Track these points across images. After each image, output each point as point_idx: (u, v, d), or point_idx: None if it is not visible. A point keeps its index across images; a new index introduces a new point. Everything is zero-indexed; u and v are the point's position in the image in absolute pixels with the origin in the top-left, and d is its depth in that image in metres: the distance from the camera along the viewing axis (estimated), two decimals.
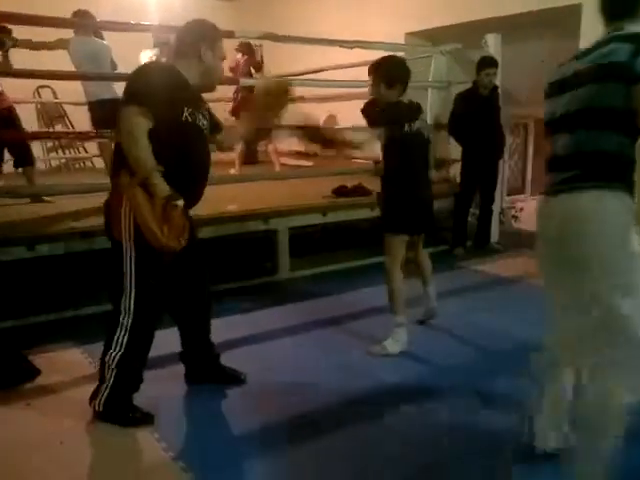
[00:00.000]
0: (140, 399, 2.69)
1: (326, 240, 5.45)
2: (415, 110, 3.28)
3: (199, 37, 2.47)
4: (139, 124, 2.21)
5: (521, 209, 9.73)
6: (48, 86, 7.67)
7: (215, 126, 2.69)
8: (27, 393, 2.81)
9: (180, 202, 2.25)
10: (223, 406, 2.75)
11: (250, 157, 7.75)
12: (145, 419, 2.55)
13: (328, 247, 5.38)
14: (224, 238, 4.45)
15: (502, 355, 3.28)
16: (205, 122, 2.51)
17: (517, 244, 5.89)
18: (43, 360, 3.05)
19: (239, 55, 6.97)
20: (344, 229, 5.46)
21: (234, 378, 2.92)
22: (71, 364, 3.11)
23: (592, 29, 5.34)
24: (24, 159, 4.88)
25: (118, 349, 2.45)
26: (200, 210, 4.23)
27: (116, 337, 2.45)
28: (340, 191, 5.21)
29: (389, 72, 3.13)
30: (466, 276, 4.84)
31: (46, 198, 4.52)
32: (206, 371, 2.91)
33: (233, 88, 6.68)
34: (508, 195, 6.99)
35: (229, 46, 6.56)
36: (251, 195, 4.97)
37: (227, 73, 6.38)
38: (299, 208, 4.75)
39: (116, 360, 2.46)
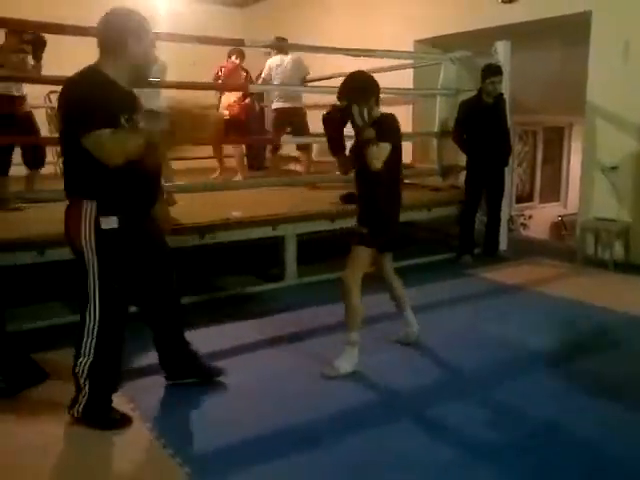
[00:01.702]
0: (143, 404, 2.72)
1: (333, 246, 5.45)
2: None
3: (123, 30, 2.35)
4: (107, 141, 2.20)
5: (530, 217, 9.73)
6: (58, 91, 7.73)
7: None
8: (35, 396, 2.82)
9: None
10: (225, 411, 2.73)
11: (256, 163, 7.77)
12: (124, 421, 2.57)
13: (336, 253, 5.37)
14: (232, 245, 4.47)
15: (508, 363, 3.26)
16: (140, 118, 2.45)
17: (526, 252, 5.87)
18: (51, 363, 3.06)
19: (233, 57, 6.64)
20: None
21: (216, 372, 2.96)
22: None
23: (602, 36, 5.35)
24: (38, 161, 4.96)
25: (87, 357, 2.46)
26: (207, 217, 4.32)
27: (83, 344, 2.46)
28: (348, 198, 5.20)
29: (372, 88, 3.04)
30: (473, 284, 4.82)
31: (22, 205, 4.45)
32: (185, 367, 2.92)
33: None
34: (517, 203, 6.97)
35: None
36: (257, 201, 4.98)
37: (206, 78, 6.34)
38: (307, 214, 4.75)
39: (86, 368, 2.47)
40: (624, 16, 5.09)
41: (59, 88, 2.54)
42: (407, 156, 7.19)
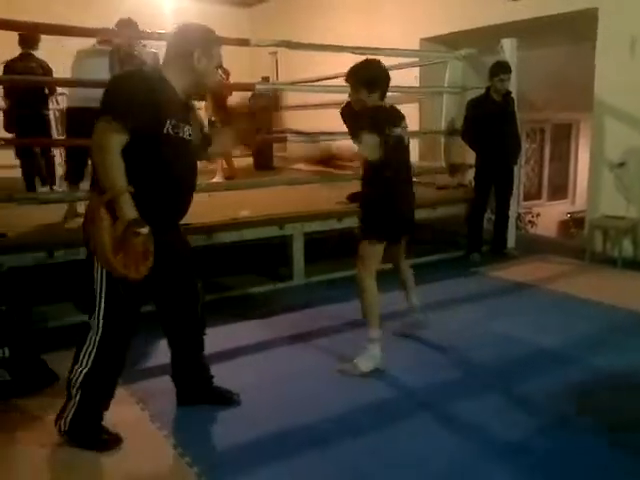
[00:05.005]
0: (152, 404, 2.73)
1: (341, 245, 5.45)
2: (396, 115, 3.13)
3: (193, 42, 2.31)
4: (112, 139, 2.07)
5: (537, 214, 9.69)
6: (64, 94, 7.77)
7: (205, 139, 2.59)
8: (45, 398, 2.82)
9: (144, 230, 2.11)
10: (234, 411, 2.73)
11: (265, 163, 7.78)
12: (113, 442, 2.43)
13: (343, 253, 5.37)
14: (239, 244, 4.47)
15: (518, 360, 3.25)
16: (192, 133, 2.38)
17: (534, 249, 5.85)
18: (61, 365, 3.07)
19: None
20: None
21: (228, 400, 2.77)
22: None
23: (609, 33, 5.32)
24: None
25: (84, 365, 2.34)
26: (214, 216, 4.33)
27: (83, 353, 2.35)
28: (354, 197, 5.19)
29: (368, 77, 2.99)
30: (481, 282, 4.81)
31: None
32: (198, 392, 2.76)
33: None
34: (524, 200, 6.94)
35: (244, 53, 6.63)
36: (264, 201, 4.99)
37: None
38: (315, 214, 4.75)
39: (81, 377, 2.35)
40: (630, 12, 5.06)
41: (65, 90, 2.53)
42: (414, 154, 7.22)
